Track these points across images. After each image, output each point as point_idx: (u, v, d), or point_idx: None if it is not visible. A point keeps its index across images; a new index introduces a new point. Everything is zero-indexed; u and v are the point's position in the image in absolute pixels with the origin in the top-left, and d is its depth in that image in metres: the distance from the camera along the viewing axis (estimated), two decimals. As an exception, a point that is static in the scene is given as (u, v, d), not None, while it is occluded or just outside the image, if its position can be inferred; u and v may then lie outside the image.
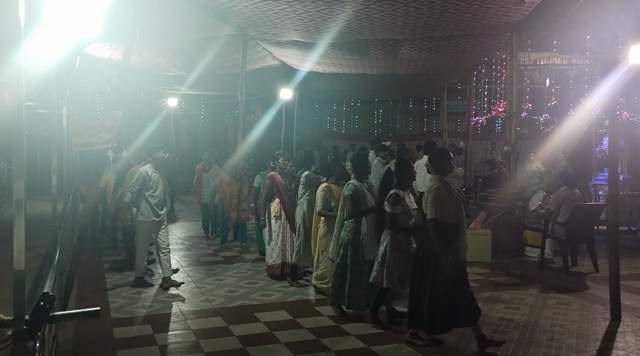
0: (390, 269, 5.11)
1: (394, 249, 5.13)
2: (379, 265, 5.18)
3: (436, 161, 4.93)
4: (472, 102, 14.16)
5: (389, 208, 5.11)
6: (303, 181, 6.92)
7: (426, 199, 4.74)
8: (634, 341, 5.06)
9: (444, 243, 4.63)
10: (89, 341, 5.02)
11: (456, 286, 4.68)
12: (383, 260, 5.15)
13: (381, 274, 5.14)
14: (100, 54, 10.42)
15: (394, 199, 5.12)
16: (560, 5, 7.70)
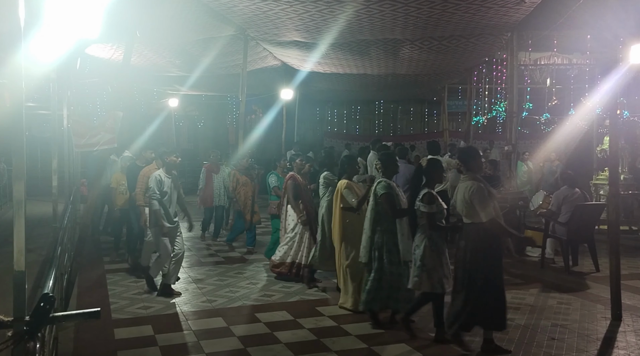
0: (430, 273, 4.87)
1: (432, 251, 4.90)
2: (418, 269, 4.91)
3: (467, 160, 4.82)
4: (472, 102, 14.15)
5: (426, 208, 4.89)
6: (322, 182, 6.75)
7: (469, 201, 4.60)
8: (635, 340, 5.06)
9: (489, 242, 4.60)
10: (90, 342, 5.02)
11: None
12: (423, 264, 4.90)
13: (422, 278, 4.89)
14: (100, 55, 10.43)
15: (429, 198, 4.91)
16: (561, 5, 7.70)
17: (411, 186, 5.22)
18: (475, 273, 4.62)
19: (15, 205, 2.24)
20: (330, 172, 6.80)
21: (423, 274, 4.88)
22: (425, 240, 4.91)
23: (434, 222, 4.89)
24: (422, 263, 4.89)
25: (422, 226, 4.96)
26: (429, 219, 4.88)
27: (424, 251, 4.90)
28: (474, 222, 4.66)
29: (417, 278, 4.91)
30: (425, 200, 4.90)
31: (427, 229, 4.90)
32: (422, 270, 4.89)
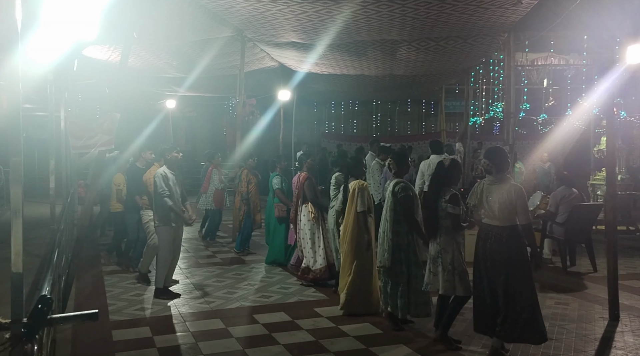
0: (462, 276, 4.75)
1: (460, 253, 4.81)
2: (448, 273, 4.72)
3: (499, 161, 4.60)
4: (470, 103, 14.18)
5: (454, 209, 4.73)
6: (334, 182, 6.71)
7: (514, 203, 4.41)
8: (633, 340, 5.07)
9: (524, 246, 4.47)
10: (88, 344, 5.01)
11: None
12: (454, 267, 4.72)
13: (455, 282, 4.72)
14: (98, 56, 10.42)
15: (456, 199, 4.77)
16: (558, 6, 7.71)
17: (433, 186, 5.04)
18: (511, 279, 4.39)
19: (12, 207, 2.23)
20: (342, 173, 6.69)
21: (455, 278, 4.72)
22: (454, 243, 4.79)
23: (459, 223, 4.78)
24: (453, 267, 4.73)
25: (447, 227, 4.79)
26: (454, 220, 4.75)
27: (453, 254, 4.75)
28: (512, 225, 4.46)
29: (448, 283, 4.72)
30: (452, 201, 4.75)
31: (452, 231, 4.77)
32: (454, 274, 4.73)
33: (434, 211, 4.87)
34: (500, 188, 4.53)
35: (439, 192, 4.88)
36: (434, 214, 4.87)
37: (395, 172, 5.43)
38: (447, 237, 4.79)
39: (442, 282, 4.76)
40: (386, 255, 5.21)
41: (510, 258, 4.42)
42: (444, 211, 4.78)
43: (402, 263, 5.17)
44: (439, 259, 4.79)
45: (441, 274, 4.76)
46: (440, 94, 16.59)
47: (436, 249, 4.83)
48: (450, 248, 4.76)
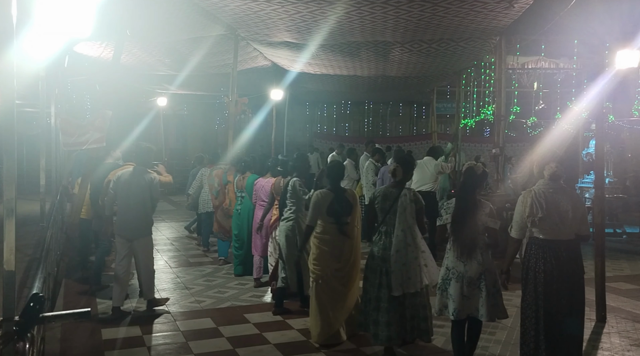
0: (501, 296, 4.29)
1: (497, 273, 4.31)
2: (494, 297, 4.18)
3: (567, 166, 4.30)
4: (461, 105, 14.26)
5: (496, 224, 4.20)
6: (291, 190, 5.96)
7: (582, 211, 4.00)
8: (619, 341, 5.13)
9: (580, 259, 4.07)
10: (77, 343, 4.99)
11: None
12: (497, 289, 4.23)
13: (499, 306, 4.24)
14: (89, 53, 10.36)
15: (495, 212, 4.27)
16: (549, 11, 7.79)
17: (467, 196, 4.33)
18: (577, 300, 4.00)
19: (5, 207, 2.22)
20: (300, 179, 5.99)
21: (500, 299, 4.17)
22: (493, 261, 4.19)
23: (498, 240, 4.22)
24: (497, 288, 4.17)
25: (485, 244, 4.18)
26: (496, 236, 4.19)
27: (496, 274, 4.16)
28: (575, 238, 4.04)
29: (495, 308, 4.14)
30: (493, 215, 4.18)
31: (492, 247, 4.19)
32: (498, 295, 4.18)
33: (471, 226, 4.16)
34: (570, 196, 4.02)
35: (475, 203, 4.22)
36: (472, 230, 4.16)
37: (402, 179, 4.75)
38: (489, 255, 4.19)
39: (486, 307, 4.08)
40: (419, 274, 4.48)
41: (580, 274, 4.01)
42: (482, 226, 4.16)
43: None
44: (480, 282, 4.12)
45: (484, 298, 4.09)
46: (431, 96, 16.66)
47: (477, 270, 4.12)
48: (493, 267, 4.17)
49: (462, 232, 4.18)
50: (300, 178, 6.01)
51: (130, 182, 5.66)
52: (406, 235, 4.49)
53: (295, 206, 5.86)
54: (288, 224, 5.85)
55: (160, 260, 8.38)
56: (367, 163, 9.56)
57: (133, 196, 5.66)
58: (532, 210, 3.99)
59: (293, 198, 5.87)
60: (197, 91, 17.39)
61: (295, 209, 5.85)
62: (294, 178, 5.97)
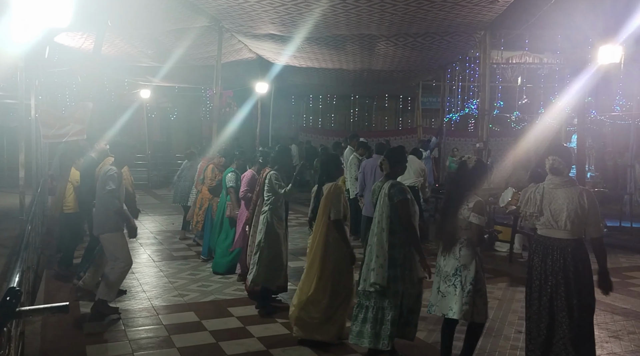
0: (484, 298, 4.05)
1: (482, 270, 4.09)
2: (469, 295, 3.94)
3: (570, 159, 3.95)
4: (446, 99, 14.32)
5: (477, 219, 3.99)
6: (268, 183, 5.75)
7: (586, 210, 3.73)
8: (598, 333, 5.20)
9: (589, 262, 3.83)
10: (57, 337, 4.93)
11: None
12: (476, 288, 3.97)
13: (478, 306, 3.99)
14: (70, 44, 10.20)
15: (481, 206, 4.05)
16: (533, 6, 7.84)
17: (454, 190, 4.24)
18: (576, 302, 3.75)
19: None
20: (277, 173, 5.82)
21: (477, 300, 3.99)
22: (476, 258, 4.04)
23: (482, 236, 4.05)
24: (475, 288, 3.97)
25: (467, 240, 4.04)
26: (479, 232, 4.01)
27: (475, 272, 3.99)
28: (579, 238, 3.80)
29: (467, 306, 3.94)
30: (477, 210, 4.01)
31: (473, 244, 4.04)
32: (477, 296, 3.99)
33: (453, 219, 4.11)
34: (569, 192, 3.80)
35: (461, 198, 4.11)
36: (453, 224, 4.09)
37: (388, 173, 4.62)
38: (468, 251, 4.03)
39: (459, 305, 3.96)
40: (380, 272, 4.32)
41: (578, 277, 3.76)
42: (465, 220, 4.05)
43: (393, 281, 4.34)
44: (455, 278, 4.01)
45: (458, 295, 3.97)
46: (417, 90, 16.72)
47: (453, 265, 4.04)
48: (472, 264, 4.00)
49: (444, 225, 4.17)
50: (281, 171, 5.88)
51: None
52: (375, 229, 4.44)
53: (271, 200, 5.72)
54: (262, 218, 5.73)
55: (144, 254, 8.31)
56: (351, 157, 9.55)
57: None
58: (526, 206, 3.98)
59: (270, 192, 5.73)
60: (181, 83, 17.25)
61: (272, 202, 5.71)
62: (272, 171, 5.81)
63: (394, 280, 4.33)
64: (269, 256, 5.61)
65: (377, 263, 4.34)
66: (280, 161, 5.98)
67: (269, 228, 5.64)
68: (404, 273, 4.35)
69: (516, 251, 8.41)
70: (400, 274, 4.34)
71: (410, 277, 4.37)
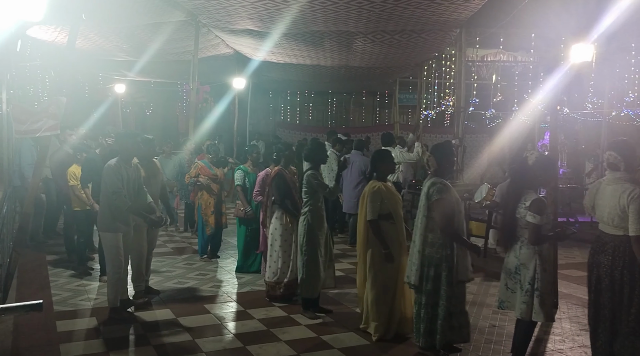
0: (544, 298, 3.99)
1: (544, 271, 4.02)
2: (527, 295, 3.98)
3: (630, 156, 3.82)
4: (422, 96, 14.44)
5: (535, 218, 3.94)
6: (306, 182, 5.51)
7: (625, 208, 3.70)
8: (569, 326, 5.34)
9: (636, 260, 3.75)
10: (31, 335, 4.85)
11: None
12: (534, 287, 3.98)
13: (534, 306, 3.99)
14: (43, 37, 9.99)
15: (540, 205, 3.97)
16: (507, 5, 7.95)
17: (512, 188, 4.25)
18: (634, 299, 3.74)
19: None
20: (316, 171, 5.56)
21: (536, 300, 3.98)
22: (537, 258, 4.00)
23: (539, 235, 3.98)
24: (534, 287, 3.98)
25: (526, 239, 4.03)
26: (535, 231, 3.95)
27: (534, 272, 3.99)
28: (626, 234, 3.76)
29: (525, 305, 3.99)
30: (534, 208, 3.95)
31: (530, 243, 4.01)
32: (535, 296, 3.98)
33: (511, 217, 4.11)
34: (616, 189, 3.79)
35: (519, 195, 4.09)
36: (511, 222, 4.11)
37: (435, 170, 4.47)
38: (528, 250, 4.02)
39: (518, 303, 4.04)
40: (413, 270, 4.35)
41: (631, 274, 3.76)
42: (523, 219, 4.03)
43: (430, 281, 4.29)
44: (517, 276, 4.08)
45: (519, 293, 4.05)
46: (394, 87, 16.80)
47: (514, 263, 4.10)
48: (532, 263, 4.00)
49: (503, 222, 4.23)
50: (316, 169, 5.60)
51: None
52: (418, 226, 4.44)
53: (310, 201, 5.45)
54: (302, 219, 5.48)
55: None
56: (329, 153, 9.60)
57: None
58: (586, 199, 4.07)
59: (308, 193, 5.44)
60: (157, 78, 17.02)
61: (311, 203, 5.44)
62: (308, 171, 5.54)
63: (428, 279, 4.29)
64: (310, 261, 5.38)
65: (411, 261, 4.41)
66: (315, 158, 5.64)
67: (309, 231, 5.40)
68: (441, 273, 4.25)
69: (490, 246, 8.53)
70: (436, 274, 4.26)
71: (448, 278, 4.24)
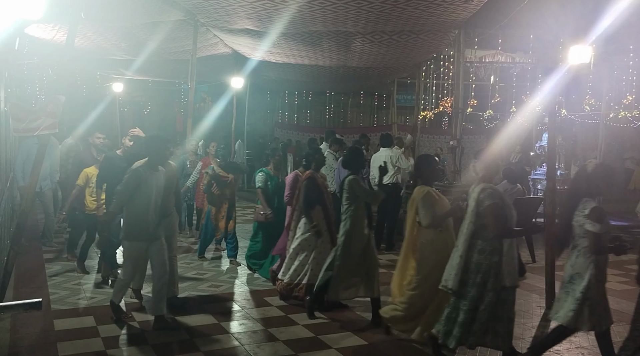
0: (593, 308, 3.93)
1: (598, 281, 3.96)
2: (577, 303, 3.92)
3: None
4: (420, 97, 14.46)
5: (594, 227, 3.88)
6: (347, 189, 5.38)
7: None
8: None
9: None
10: (28, 334, 4.85)
11: None
12: (585, 296, 3.92)
13: (582, 314, 3.92)
14: (41, 36, 9.96)
15: (600, 214, 3.90)
16: (506, 6, 7.97)
17: (569, 195, 4.17)
18: None
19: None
20: (357, 176, 5.45)
21: (584, 309, 3.92)
22: (592, 267, 3.94)
23: (599, 245, 3.91)
24: (585, 296, 3.93)
25: (584, 248, 3.96)
26: (595, 240, 3.89)
27: (589, 281, 3.93)
28: None
29: (573, 313, 3.93)
30: (593, 217, 3.89)
31: (590, 253, 3.95)
32: (584, 304, 3.93)
33: (567, 225, 4.06)
34: None
35: (576, 203, 4.01)
36: (567, 230, 4.07)
37: (483, 175, 4.38)
38: (584, 260, 3.97)
39: (565, 310, 3.99)
40: (452, 275, 4.26)
41: None
42: (580, 227, 3.96)
43: (475, 286, 4.18)
44: (570, 285, 4.04)
45: (568, 301, 4.00)
46: (392, 87, 16.82)
47: (569, 272, 4.06)
48: (587, 273, 3.94)
49: (559, 231, 4.21)
50: (357, 173, 5.49)
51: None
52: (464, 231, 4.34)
53: (352, 207, 5.31)
54: (342, 225, 5.34)
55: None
56: (326, 153, 9.59)
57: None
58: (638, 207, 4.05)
59: (350, 199, 5.31)
60: (155, 77, 17.01)
61: (353, 209, 5.31)
62: (350, 176, 5.39)
63: (473, 285, 4.19)
64: (342, 267, 5.26)
65: (451, 265, 4.30)
66: (354, 163, 5.53)
67: (346, 239, 5.28)
68: (487, 280, 4.16)
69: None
70: (483, 280, 4.16)
71: (494, 285, 4.15)
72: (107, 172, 6.24)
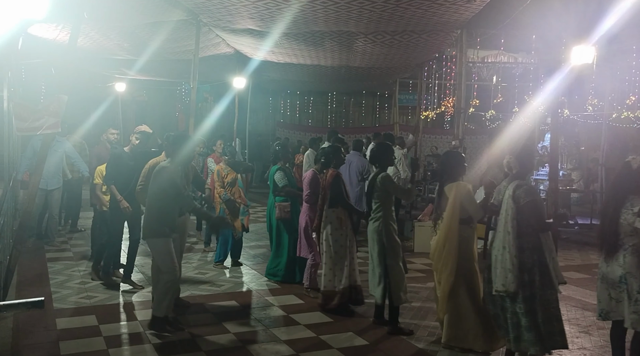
0: None
1: None
2: (637, 305, 3.81)
3: None
4: (422, 97, 14.46)
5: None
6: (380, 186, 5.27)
7: None
8: (569, 329, 5.33)
9: None
10: (30, 332, 4.86)
11: None
12: None
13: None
14: (45, 35, 9.98)
15: None
16: (508, 6, 7.96)
17: (614, 192, 4.08)
18: None
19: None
20: (386, 172, 5.35)
21: None
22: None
23: None
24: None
25: (632, 246, 3.87)
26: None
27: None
28: None
29: (636, 315, 3.81)
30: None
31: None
32: None
33: (613, 224, 3.95)
34: None
35: (621, 201, 3.93)
36: (613, 228, 3.95)
37: (517, 172, 4.34)
38: (634, 258, 3.86)
39: (628, 314, 3.85)
40: (510, 277, 4.11)
41: None
42: (629, 225, 3.86)
43: (527, 287, 4.14)
44: (622, 285, 3.90)
45: (627, 303, 3.87)
46: (394, 88, 16.82)
47: (618, 272, 3.92)
48: (639, 272, 3.85)
49: (603, 230, 4.05)
50: (385, 170, 5.38)
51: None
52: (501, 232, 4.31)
53: (385, 205, 5.21)
54: (375, 225, 5.22)
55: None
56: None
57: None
58: None
59: (381, 197, 5.20)
60: (157, 76, 17.02)
61: (386, 207, 5.21)
62: (381, 173, 5.27)
63: (524, 286, 4.13)
64: (394, 269, 5.15)
65: (502, 268, 4.17)
66: (383, 159, 5.43)
67: (389, 237, 5.15)
68: (535, 278, 4.14)
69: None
70: (530, 279, 4.13)
71: (542, 282, 4.14)
72: (115, 170, 6.28)
